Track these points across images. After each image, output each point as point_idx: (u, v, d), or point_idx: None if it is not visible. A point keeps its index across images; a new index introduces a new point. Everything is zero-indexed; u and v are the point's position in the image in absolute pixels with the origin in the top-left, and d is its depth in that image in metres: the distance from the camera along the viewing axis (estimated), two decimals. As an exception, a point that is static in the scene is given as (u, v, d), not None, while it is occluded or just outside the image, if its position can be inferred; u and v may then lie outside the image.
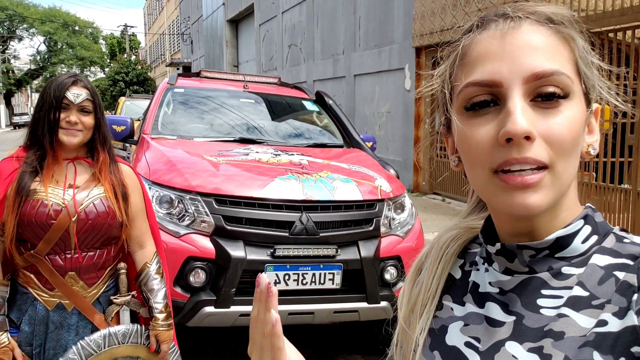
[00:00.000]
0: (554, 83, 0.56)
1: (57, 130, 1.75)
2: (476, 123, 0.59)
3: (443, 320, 0.69)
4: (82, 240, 1.77)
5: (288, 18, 16.12)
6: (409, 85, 9.85)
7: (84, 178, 1.82)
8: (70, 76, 1.81)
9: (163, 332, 1.88)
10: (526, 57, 0.56)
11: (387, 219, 3.18)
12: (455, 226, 0.75)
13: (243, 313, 2.80)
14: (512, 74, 0.56)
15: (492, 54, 0.58)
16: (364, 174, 3.40)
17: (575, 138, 0.57)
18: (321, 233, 2.93)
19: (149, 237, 1.98)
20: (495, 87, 0.57)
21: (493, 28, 0.59)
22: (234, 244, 2.81)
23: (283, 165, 3.27)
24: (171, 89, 4.45)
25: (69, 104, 1.75)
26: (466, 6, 8.07)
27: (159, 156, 3.34)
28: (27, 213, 1.70)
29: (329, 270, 2.91)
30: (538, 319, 0.59)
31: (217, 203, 2.88)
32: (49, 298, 1.77)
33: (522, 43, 0.57)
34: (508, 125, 0.55)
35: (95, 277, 1.83)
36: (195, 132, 3.99)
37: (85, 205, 1.77)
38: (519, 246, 0.61)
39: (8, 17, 44.33)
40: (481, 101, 0.58)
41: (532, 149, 0.55)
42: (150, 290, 1.91)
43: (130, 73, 35.20)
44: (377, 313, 3.05)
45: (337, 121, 4.55)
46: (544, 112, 0.56)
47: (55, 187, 1.76)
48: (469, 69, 0.60)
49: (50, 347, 1.78)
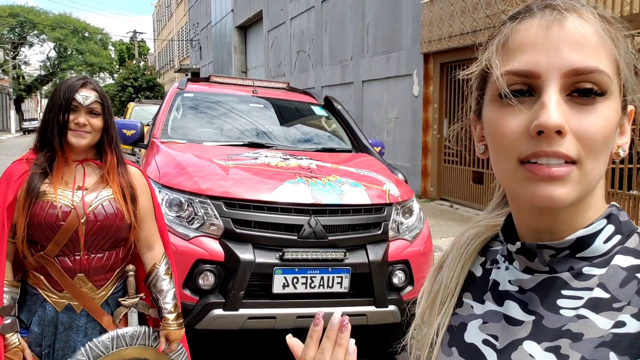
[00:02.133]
0: (592, 80, 0.55)
1: (67, 132, 1.77)
2: (509, 112, 0.58)
3: (462, 318, 0.69)
4: (90, 242, 1.79)
5: (297, 24, 16.19)
6: (417, 91, 9.86)
7: (92, 180, 1.84)
8: (80, 78, 1.83)
9: (173, 331, 1.89)
10: (568, 51, 0.55)
11: (395, 223, 3.19)
12: (477, 224, 0.75)
13: (251, 316, 2.81)
14: (551, 67, 0.55)
15: (534, 44, 0.57)
16: (373, 178, 3.41)
17: (606, 137, 0.56)
18: (330, 237, 2.94)
19: (158, 238, 1.99)
20: (532, 78, 0.56)
21: (538, 17, 0.58)
22: (243, 247, 2.82)
23: (292, 169, 3.28)
24: (181, 94, 4.49)
25: (78, 106, 1.77)
26: (474, 13, 8.08)
27: (168, 160, 3.37)
28: (36, 214, 1.71)
29: (337, 274, 2.91)
30: (557, 320, 0.58)
31: (226, 206, 2.90)
32: (58, 299, 1.79)
33: (565, 37, 0.56)
34: (541, 118, 0.54)
35: (104, 278, 1.84)
36: (205, 136, 4.02)
37: (94, 207, 1.78)
38: (539, 245, 0.61)
39: (19, 23, 44.82)
40: (517, 90, 0.58)
41: (562, 144, 0.54)
42: (159, 291, 1.92)
43: (139, 79, 35.43)
44: (385, 317, 3.05)
45: (345, 126, 4.57)
46: (578, 108, 0.55)
47: (65, 189, 1.78)
48: (508, 57, 0.59)
49: (59, 348, 1.79)
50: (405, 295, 3.10)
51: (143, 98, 28.70)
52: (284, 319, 2.87)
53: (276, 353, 3.69)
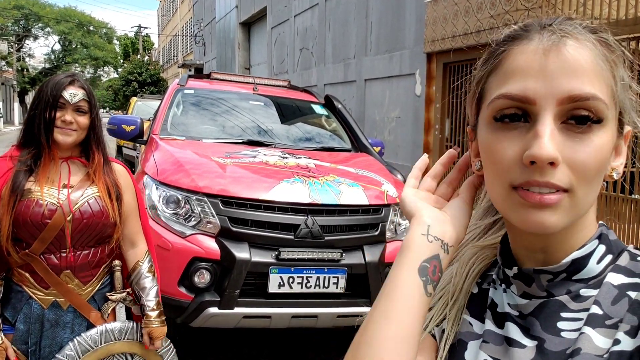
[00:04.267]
0: (588, 107, 0.55)
1: (53, 130, 1.76)
2: (503, 136, 0.58)
3: (462, 335, 0.69)
4: (76, 239, 1.78)
5: (300, 22, 16.17)
6: (420, 90, 9.84)
7: (78, 177, 1.83)
8: (68, 76, 1.82)
9: (156, 328, 1.90)
10: (565, 78, 0.55)
11: (393, 224, 3.17)
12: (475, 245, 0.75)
13: (246, 315, 2.81)
14: (547, 94, 0.55)
15: (531, 70, 0.56)
16: (371, 178, 3.40)
17: (600, 166, 0.56)
18: (326, 237, 2.93)
19: (141, 236, 2.00)
20: (527, 104, 0.56)
21: (536, 41, 0.57)
22: (239, 246, 2.82)
23: (290, 168, 3.27)
24: (181, 90, 4.48)
25: (65, 104, 1.76)
26: (478, 12, 8.05)
27: (167, 156, 3.36)
28: (22, 212, 1.70)
29: (333, 274, 2.90)
30: (559, 342, 0.58)
31: (223, 204, 2.89)
32: (44, 296, 1.78)
33: (562, 63, 0.55)
34: (534, 149, 0.54)
35: (90, 275, 1.84)
36: (204, 134, 4.01)
37: (80, 205, 1.78)
38: (536, 270, 0.61)
39: (24, 16, 44.84)
40: (511, 114, 0.57)
41: (554, 174, 0.54)
42: (142, 288, 1.92)
43: (144, 73, 35.46)
44: (380, 318, 3.03)
45: (345, 125, 4.56)
46: (573, 137, 0.55)
47: (50, 187, 1.77)
48: (504, 79, 0.59)
49: (45, 345, 1.79)
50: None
51: (147, 93, 28.71)
52: (279, 318, 2.86)
53: (271, 352, 3.69)
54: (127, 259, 1.96)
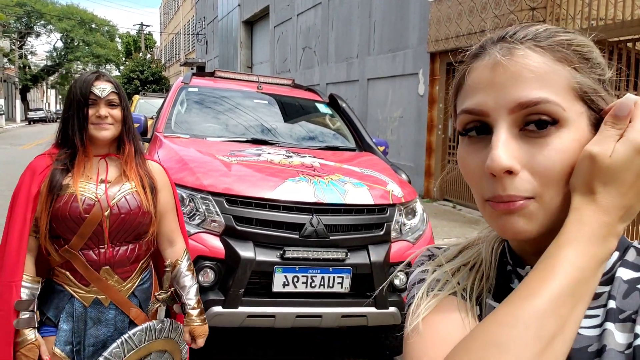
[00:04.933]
0: (540, 111, 0.56)
1: (87, 127, 1.77)
2: (470, 150, 0.60)
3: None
4: (114, 235, 1.79)
5: (303, 20, 16.15)
6: (423, 90, 9.82)
7: (115, 173, 1.84)
8: (93, 72, 1.84)
9: (198, 327, 1.92)
10: (512, 87, 0.56)
11: (398, 224, 3.16)
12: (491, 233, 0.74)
13: (251, 314, 2.79)
14: (497, 105, 0.57)
15: (482, 84, 0.59)
16: (376, 178, 3.38)
17: (565, 167, 0.56)
18: (331, 236, 2.92)
19: (179, 234, 2.01)
20: (483, 117, 0.58)
21: (487, 57, 0.60)
22: (244, 245, 2.80)
23: (295, 167, 3.26)
24: (185, 88, 4.46)
25: (97, 99, 1.77)
26: (482, 12, 8.03)
27: (171, 154, 3.34)
28: (60, 208, 1.72)
29: (338, 274, 2.89)
30: (578, 340, 0.57)
31: (228, 203, 2.87)
32: (86, 294, 1.79)
33: (511, 72, 0.57)
34: (488, 161, 0.55)
35: (129, 270, 1.85)
36: (208, 132, 4.00)
37: (117, 200, 1.79)
38: None
39: (26, 13, 44.88)
40: (474, 127, 0.60)
41: (514, 184, 0.55)
42: (182, 287, 1.94)
43: (145, 71, 35.46)
44: (385, 318, 3.02)
45: (349, 124, 4.54)
46: (531, 142, 0.56)
47: (87, 182, 1.78)
48: (465, 96, 0.62)
49: (89, 344, 1.80)
50: (406, 297, 3.07)
51: (150, 91, 28.75)
52: (283, 317, 2.84)
53: (276, 353, 3.68)
54: (165, 257, 1.98)
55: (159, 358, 1.93)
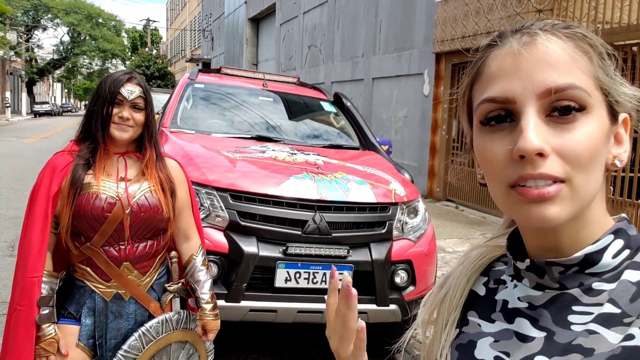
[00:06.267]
0: (568, 97, 0.56)
1: (109, 125, 1.81)
2: (492, 138, 0.59)
3: (471, 336, 0.69)
4: (134, 232, 1.83)
5: (309, 19, 16.16)
6: (428, 90, 9.83)
7: (134, 171, 1.88)
8: (126, 73, 1.87)
9: (211, 321, 1.97)
10: (539, 72, 0.56)
11: (399, 222, 3.19)
12: (483, 244, 0.77)
13: (253, 308, 2.83)
14: (525, 91, 0.57)
15: (506, 71, 0.59)
16: (379, 176, 3.41)
17: (593, 152, 0.56)
18: (333, 233, 2.95)
19: (194, 229, 2.05)
20: (509, 104, 0.58)
21: (508, 45, 0.60)
22: (247, 240, 2.84)
23: (299, 165, 3.29)
24: (191, 84, 4.50)
25: (123, 100, 1.81)
26: (489, 13, 8.03)
27: (176, 149, 3.38)
28: (83, 206, 1.75)
29: (339, 271, 2.92)
30: (568, 335, 0.58)
31: (232, 198, 2.91)
32: (106, 289, 1.83)
33: (535, 59, 0.57)
34: (520, 143, 0.55)
35: (147, 265, 1.89)
36: (214, 128, 4.03)
37: (138, 198, 1.83)
38: (548, 262, 0.61)
39: (33, 6, 44.98)
40: (496, 116, 0.59)
41: (546, 165, 0.55)
42: (197, 281, 1.98)
43: (151, 67, 35.54)
44: (385, 316, 3.05)
45: (353, 123, 4.57)
46: (559, 127, 0.56)
47: (108, 180, 1.82)
48: (485, 85, 0.61)
49: (111, 337, 1.84)
50: (406, 295, 3.10)
51: (155, 86, 28.81)
52: (285, 313, 2.88)
53: (278, 348, 3.71)
54: (181, 252, 2.01)
55: (180, 349, 1.98)
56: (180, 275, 2.02)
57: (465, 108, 0.67)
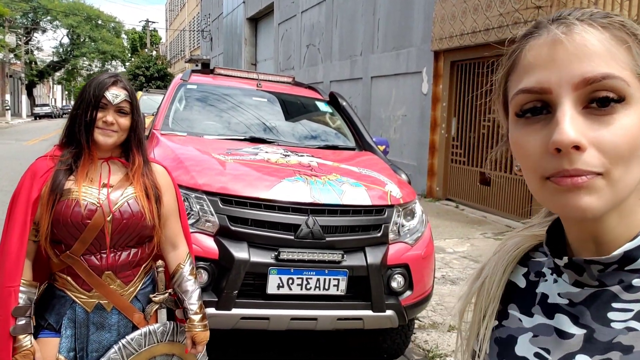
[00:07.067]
0: (606, 87, 0.54)
1: (93, 130, 1.75)
2: (527, 131, 0.58)
3: (511, 330, 0.68)
4: (116, 240, 1.77)
5: (307, 18, 16.08)
6: (426, 89, 9.74)
7: (118, 177, 1.82)
8: (111, 76, 1.81)
9: (199, 332, 1.90)
10: (576, 63, 0.55)
11: (396, 225, 3.10)
12: (519, 233, 0.75)
13: (244, 316, 2.75)
14: (561, 81, 0.55)
15: (542, 61, 0.57)
16: (374, 178, 3.32)
17: (633, 145, 0.54)
18: (327, 237, 2.86)
19: (182, 237, 1.98)
20: (545, 94, 0.57)
21: (545, 35, 0.59)
22: (238, 245, 2.75)
23: (292, 167, 3.21)
24: (184, 85, 4.42)
25: (107, 104, 1.75)
26: (487, 10, 7.94)
27: (167, 152, 3.30)
28: (62, 213, 1.69)
29: (333, 276, 2.84)
30: (609, 333, 0.58)
31: (222, 202, 2.83)
32: (88, 299, 1.77)
33: (572, 49, 0.56)
34: (555, 136, 0.54)
35: (131, 274, 1.83)
36: (206, 130, 3.95)
37: (120, 205, 1.77)
38: (587, 261, 0.60)
39: (32, 8, 45.01)
40: (531, 108, 0.58)
41: (582, 159, 0.53)
42: (184, 291, 1.91)
43: (151, 68, 35.52)
44: (382, 322, 2.97)
45: (349, 123, 4.48)
46: (597, 120, 0.54)
47: (90, 187, 1.76)
48: (520, 76, 0.60)
49: (92, 350, 1.77)
50: (403, 300, 3.02)
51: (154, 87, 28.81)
52: (277, 320, 2.80)
53: (274, 353, 3.64)
54: (168, 261, 1.95)
55: None
56: (167, 285, 1.94)
57: (501, 99, 0.66)
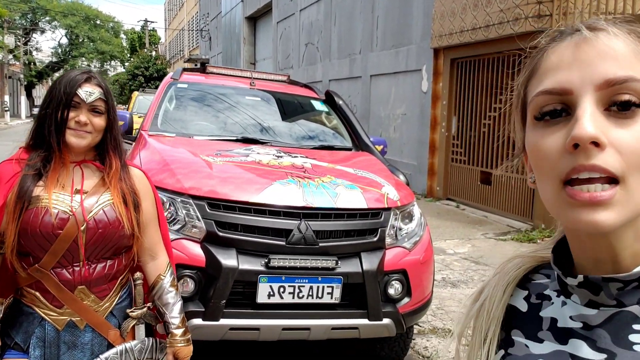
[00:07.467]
0: (629, 90, 0.53)
1: (65, 130, 1.59)
2: (546, 133, 0.57)
3: (519, 358, 0.65)
4: (91, 251, 1.61)
5: (306, 16, 15.94)
6: (426, 87, 9.60)
7: (92, 182, 1.66)
8: (84, 72, 1.65)
9: (182, 348, 1.75)
10: (599, 64, 0.55)
11: (393, 229, 2.96)
12: (520, 255, 0.73)
13: (233, 327, 2.61)
14: (583, 81, 0.55)
15: (564, 62, 0.57)
16: (371, 180, 3.18)
17: None
18: (321, 243, 2.72)
19: (162, 246, 1.83)
20: (565, 95, 0.56)
21: (569, 38, 0.59)
22: (226, 252, 2.61)
23: (284, 168, 3.06)
24: (174, 84, 4.28)
25: (80, 103, 1.60)
26: (487, 6, 7.79)
27: (153, 154, 3.16)
28: (30, 222, 1.53)
29: (327, 284, 2.70)
30: (632, 356, 0.56)
31: (209, 207, 2.68)
32: (58, 317, 1.61)
33: (596, 50, 0.55)
34: (574, 130, 0.53)
35: (106, 288, 1.67)
36: (196, 130, 3.81)
37: (95, 213, 1.61)
38: (605, 279, 0.58)
39: (31, 9, 44.93)
40: (551, 110, 0.57)
41: (601, 157, 0.52)
42: (165, 304, 1.76)
43: (150, 68, 35.44)
44: (378, 331, 2.83)
45: (346, 123, 4.34)
46: (617, 122, 0.53)
47: (61, 193, 1.59)
48: (540, 79, 0.59)
49: None
50: (401, 308, 2.88)
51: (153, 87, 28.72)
52: (268, 330, 2.66)
53: None
54: (147, 272, 1.80)
55: None
56: (145, 298, 1.79)
57: (520, 105, 0.65)
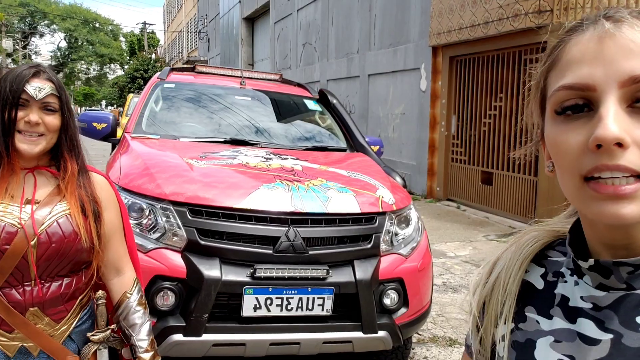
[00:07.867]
0: None
1: (14, 133, 1.40)
2: (567, 128, 0.57)
3: (529, 334, 0.66)
4: (44, 269, 1.42)
5: (303, 16, 15.79)
6: (425, 85, 9.42)
7: (45, 191, 1.47)
8: (31, 66, 1.46)
9: None
10: (623, 59, 0.53)
11: (388, 234, 2.79)
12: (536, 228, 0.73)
13: (217, 342, 2.43)
14: (607, 78, 0.54)
15: (587, 57, 0.56)
16: (365, 182, 3.01)
17: None
18: (310, 251, 2.55)
19: (127, 260, 1.65)
20: (588, 91, 0.55)
21: (591, 31, 0.57)
22: (209, 262, 2.44)
23: (272, 171, 2.89)
24: (161, 84, 4.11)
25: (29, 100, 1.40)
26: (486, 3, 7.62)
27: (134, 158, 2.98)
28: None
29: (318, 295, 2.52)
30: (638, 338, 0.56)
31: (191, 214, 2.51)
32: (8, 342, 1.42)
33: (620, 46, 0.54)
34: (598, 131, 0.52)
35: (63, 310, 1.48)
36: (182, 132, 3.64)
37: (47, 225, 1.42)
38: (616, 262, 0.58)
39: (29, 13, 44.87)
40: (573, 105, 0.57)
41: (624, 156, 0.52)
42: (131, 325, 1.58)
43: (150, 70, 35.36)
44: (373, 344, 2.65)
45: (340, 122, 4.17)
46: None
47: (9, 204, 1.41)
48: (562, 72, 0.59)
49: None
50: (398, 319, 2.70)
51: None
52: (255, 345, 2.48)
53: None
54: (110, 289, 1.61)
55: None
56: (109, 319, 1.60)
57: (539, 96, 0.64)
